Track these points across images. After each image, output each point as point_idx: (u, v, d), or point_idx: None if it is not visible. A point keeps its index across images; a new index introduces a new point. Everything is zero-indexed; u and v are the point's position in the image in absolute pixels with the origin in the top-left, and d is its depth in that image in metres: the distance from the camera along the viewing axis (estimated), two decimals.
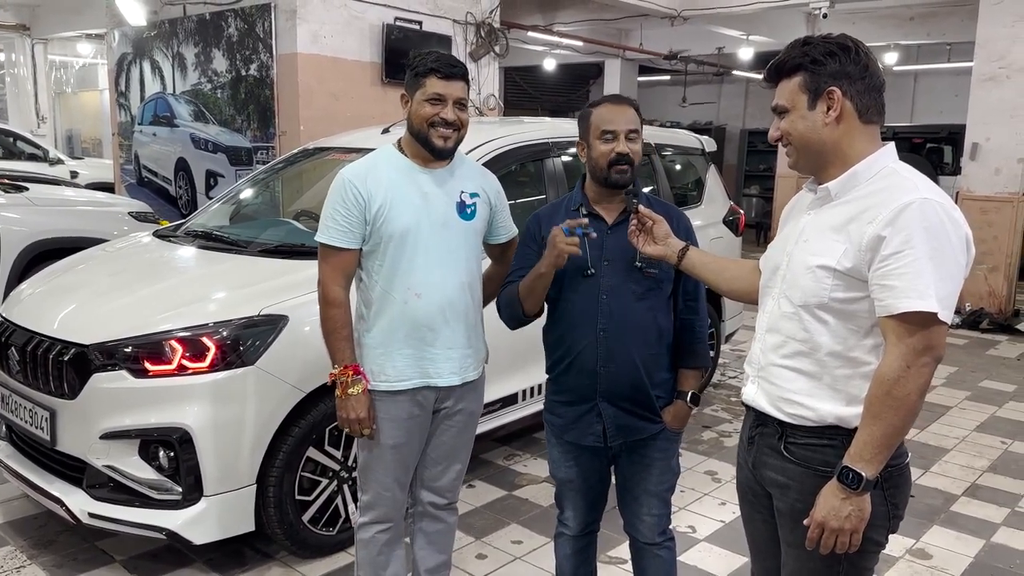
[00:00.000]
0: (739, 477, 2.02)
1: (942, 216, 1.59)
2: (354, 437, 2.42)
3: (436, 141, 2.34)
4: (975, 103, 7.98)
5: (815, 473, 1.73)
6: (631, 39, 13.41)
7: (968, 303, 7.97)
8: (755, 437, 1.87)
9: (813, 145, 1.74)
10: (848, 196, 1.71)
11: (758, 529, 1.98)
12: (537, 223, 2.40)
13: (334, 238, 2.32)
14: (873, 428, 1.61)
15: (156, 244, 3.91)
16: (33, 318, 3.21)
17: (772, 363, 1.81)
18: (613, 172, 2.25)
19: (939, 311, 1.56)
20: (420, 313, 2.35)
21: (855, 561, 1.75)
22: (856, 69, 1.69)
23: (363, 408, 2.33)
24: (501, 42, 7.73)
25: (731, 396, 5.39)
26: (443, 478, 2.58)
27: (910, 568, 3.30)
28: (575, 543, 2.54)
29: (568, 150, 4.27)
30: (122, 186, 8.42)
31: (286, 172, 4.44)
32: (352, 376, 2.32)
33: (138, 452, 2.87)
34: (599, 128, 2.27)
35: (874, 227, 1.61)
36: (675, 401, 2.37)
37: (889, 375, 1.59)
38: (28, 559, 3.18)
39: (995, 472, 4.31)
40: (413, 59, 2.37)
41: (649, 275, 2.28)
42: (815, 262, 1.70)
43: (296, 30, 6.27)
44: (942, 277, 1.57)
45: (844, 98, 1.69)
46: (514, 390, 3.78)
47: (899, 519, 1.78)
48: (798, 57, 1.72)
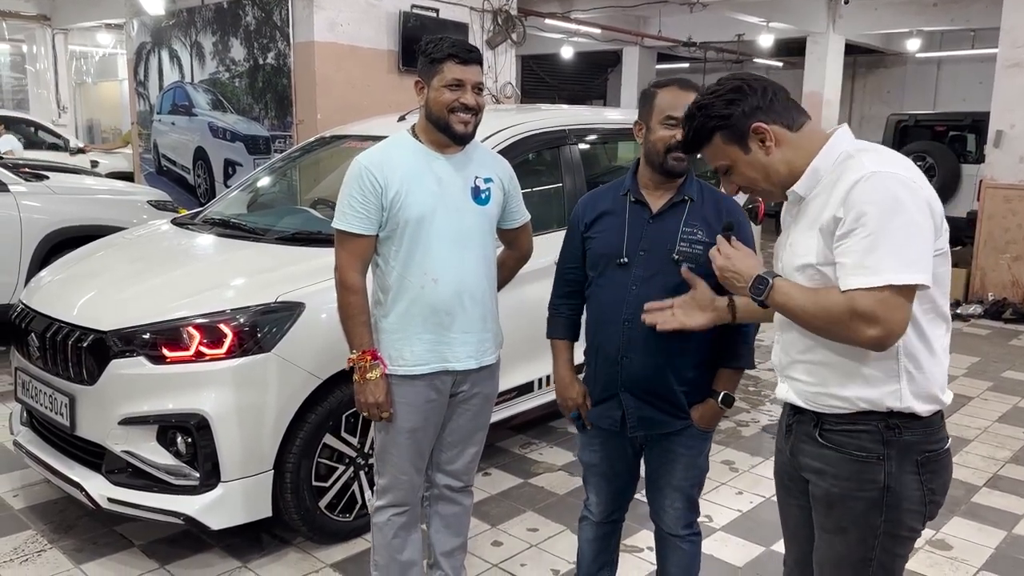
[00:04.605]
0: (777, 462, 2.02)
1: (891, 185, 1.58)
2: (372, 421, 2.43)
3: (457, 127, 2.34)
4: (999, 90, 7.85)
5: (850, 458, 1.73)
6: (650, 26, 13.32)
7: (991, 293, 7.87)
8: (792, 425, 1.87)
9: (774, 176, 1.76)
10: (815, 191, 1.72)
11: (792, 515, 1.98)
12: (584, 207, 2.38)
13: (351, 224, 2.32)
14: (804, 300, 1.66)
15: (174, 232, 3.93)
16: (53, 305, 3.23)
17: (793, 361, 1.82)
18: (670, 159, 2.20)
19: (893, 281, 1.54)
20: (437, 298, 2.36)
21: (888, 547, 1.74)
22: (758, 99, 1.73)
23: (381, 393, 2.34)
24: (518, 30, 7.70)
25: (749, 386, 5.35)
26: (458, 461, 2.59)
27: (930, 559, 3.27)
28: (597, 529, 2.53)
29: (586, 138, 4.25)
30: (141, 175, 8.47)
31: (303, 160, 4.44)
32: (370, 361, 2.33)
33: (156, 438, 2.88)
34: (663, 112, 2.20)
35: (829, 211, 1.64)
36: (707, 400, 2.30)
37: (834, 307, 1.60)
38: (49, 543, 3.21)
39: (1017, 463, 4.25)
40: (427, 45, 2.36)
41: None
42: (799, 263, 1.72)
43: (313, 18, 6.27)
44: (901, 244, 1.55)
45: (770, 126, 1.73)
46: (529, 378, 3.77)
47: (937, 505, 1.77)
48: (706, 122, 1.76)
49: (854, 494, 1.74)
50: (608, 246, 2.25)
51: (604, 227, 2.30)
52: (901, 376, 1.68)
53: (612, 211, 2.31)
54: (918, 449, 1.71)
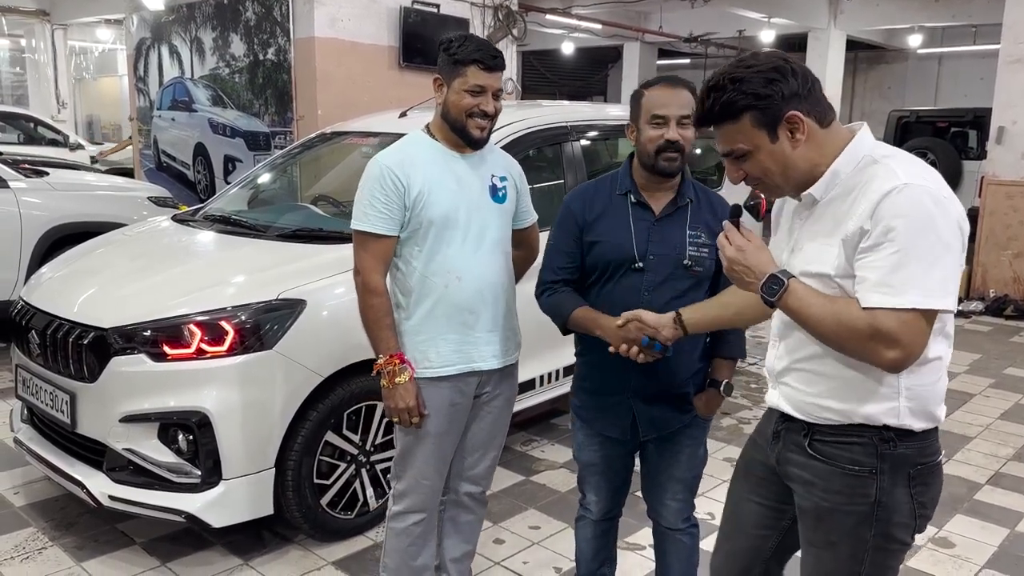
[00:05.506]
0: (747, 455, 1.96)
1: (924, 201, 1.50)
2: (403, 426, 2.35)
3: (473, 132, 2.32)
4: (1001, 86, 7.84)
5: (842, 471, 1.68)
6: (651, 22, 13.31)
7: (992, 289, 7.87)
8: (780, 432, 1.81)
9: (792, 172, 1.63)
10: (832, 195, 1.63)
11: (750, 510, 1.93)
12: (582, 206, 2.30)
13: (376, 225, 2.28)
14: (821, 311, 1.57)
15: (175, 228, 3.91)
16: (53, 302, 3.22)
17: (789, 368, 1.76)
18: (661, 159, 2.17)
19: (919, 305, 1.48)
20: (462, 296, 2.34)
21: (879, 561, 1.70)
22: (799, 84, 1.59)
23: (412, 397, 2.29)
24: (519, 25, 7.67)
25: (751, 383, 5.35)
26: (479, 466, 2.58)
27: (933, 557, 3.26)
28: (596, 527, 2.52)
29: (587, 134, 4.23)
30: (141, 171, 8.46)
31: (304, 157, 4.43)
32: (398, 365, 2.28)
33: (157, 435, 2.88)
34: (650, 112, 2.18)
35: (855, 221, 1.55)
36: (707, 389, 2.33)
37: (854, 323, 1.52)
38: (50, 541, 3.20)
39: (1019, 460, 4.25)
40: (450, 43, 2.31)
41: (694, 273, 2.23)
42: (812, 270, 1.64)
43: (314, 14, 6.25)
44: (929, 265, 1.49)
45: (806, 117, 1.59)
46: (531, 376, 3.76)
47: (926, 519, 1.72)
48: (738, 98, 1.58)
49: (844, 508, 1.69)
50: (619, 250, 2.22)
51: (608, 228, 2.25)
52: (901, 394, 1.62)
53: (612, 212, 2.27)
54: (911, 462, 1.66)
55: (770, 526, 1.90)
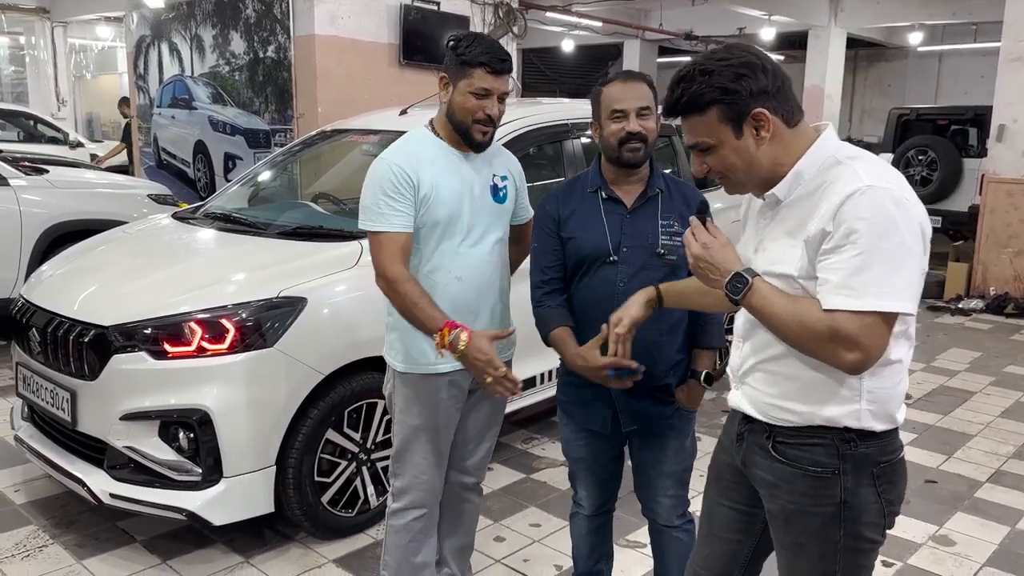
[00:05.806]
0: (716, 459, 1.95)
1: (886, 203, 1.49)
2: (499, 387, 2.19)
3: (476, 135, 2.32)
4: (1002, 84, 7.83)
5: (805, 473, 1.67)
6: (651, 19, 13.30)
7: (993, 287, 7.86)
8: (744, 434, 1.80)
9: (755, 170, 1.62)
10: (796, 195, 1.62)
11: (721, 514, 1.92)
12: (556, 205, 2.34)
13: (392, 224, 2.24)
14: (783, 310, 1.56)
15: (175, 226, 3.91)
16: (53, 299, 3.22)
17: (751, 369, 1.75)
18: (624, 151, 2.21)
19: (880, 307, 1.48)
20: (461, 295, 2.34)
21: (851, 560, 1.70)
22: (768, 82, 1.57)
23: (481, 351, 2.14)
24: (519, 23, 7.66)
25: None
26: (473, 456, 2.60)
27: (933, 554, 3.27)
28: (590, 523, 2.53)
29: (587, 131, 4.23)
30: (141, 169, 8.45)
31: (304, 154, 4.43)
32: (450, 332, 2.15)
33: (158, 433, 2.88)
34: (609, 107, 2.23)
35: (817, 222, 1.54)
36: (688, 381, 2.35)
37: (815, 324, 1.51)
38: (50, 538, 3.21)
39: (1020, 458, 4.25)
40: (459, 42, 2.29)
41: (668, 262, 2.25)
42: (776, 270, 1.63)
43: (314, 11, 6.24)
44: (891, 268, 1.48)
45: (772, 116, 1.58)
46: (531, 373, 3.76)
47: (895, 515, 1.72)
48: (706, 91, 1.57)
49: (810, 509, 1.68)
50: (593, 245, 2.24)
51: (581, 225, 2.27)
52: (862, 396, 1.61)
53: (584, 209, 2.30)
54: (873, 461, 1.65)
55: (743, 530, 1.89)
